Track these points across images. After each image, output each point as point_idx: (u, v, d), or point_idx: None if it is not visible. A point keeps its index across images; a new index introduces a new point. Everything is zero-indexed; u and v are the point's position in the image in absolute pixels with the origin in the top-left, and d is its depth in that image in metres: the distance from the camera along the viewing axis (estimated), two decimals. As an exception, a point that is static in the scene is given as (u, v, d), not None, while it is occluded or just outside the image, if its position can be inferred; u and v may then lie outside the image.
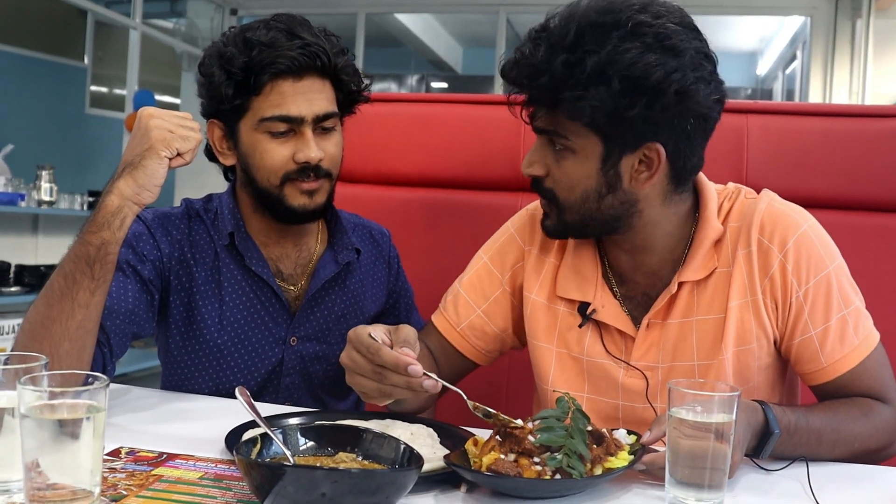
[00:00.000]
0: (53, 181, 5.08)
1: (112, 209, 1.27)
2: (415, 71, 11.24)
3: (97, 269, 1.26)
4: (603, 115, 1.20)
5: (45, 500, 0.86)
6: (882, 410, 1.31)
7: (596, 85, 1.19)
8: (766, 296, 1.31)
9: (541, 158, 1.31)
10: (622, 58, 1.18)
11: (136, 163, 1.28)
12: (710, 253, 1.34)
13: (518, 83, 1.28)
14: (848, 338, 1.31)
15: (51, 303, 1.26)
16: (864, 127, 1.86)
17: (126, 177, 1.28)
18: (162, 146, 1.29)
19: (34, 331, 1.26)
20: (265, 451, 1.02)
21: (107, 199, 1.28)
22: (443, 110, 2.09)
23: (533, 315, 1.45)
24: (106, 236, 1.26)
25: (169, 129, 1.30)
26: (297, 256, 1.60)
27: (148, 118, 1.31)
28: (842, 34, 6.57)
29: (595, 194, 1.28)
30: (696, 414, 1.00)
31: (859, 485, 1.17)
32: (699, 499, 1.00)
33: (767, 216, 1.33)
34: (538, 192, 1.34)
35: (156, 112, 1.32)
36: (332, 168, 1.51)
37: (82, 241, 1.27)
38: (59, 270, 1.28)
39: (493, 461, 1.04)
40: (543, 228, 1.38)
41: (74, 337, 1.26)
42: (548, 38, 1.23)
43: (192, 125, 1.34)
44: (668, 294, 1.34)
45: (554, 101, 1.23)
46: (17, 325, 4.71)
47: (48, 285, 1.28)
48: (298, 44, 1.43)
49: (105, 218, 1.27)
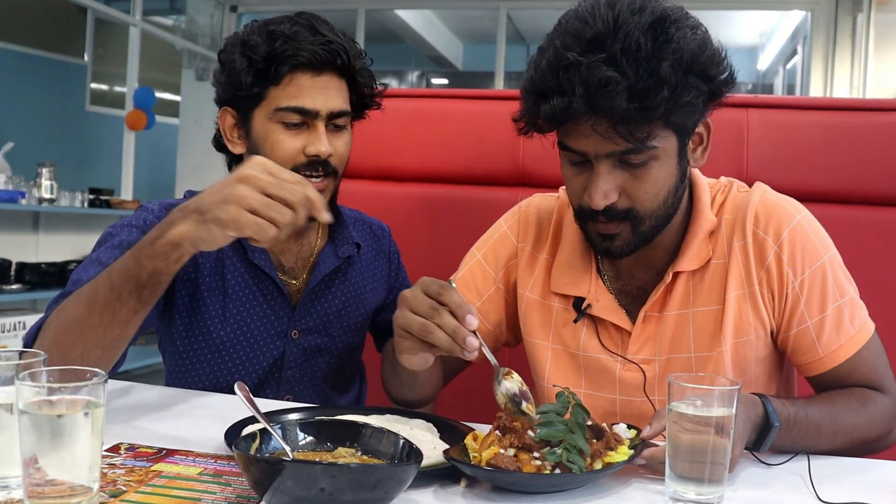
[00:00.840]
0: (54, 178, 5.07)
1: (173, 242, 1.15)
2: (415, 67, 11.24)
3: (145, 294, 1.18)
4: (688, 113, 1.20)
5: (44, 497, 0.85)
6: (879, 400, 1.32)
7: (684, 82, 1.17)
8: (762, 287, 1.32)
9: (611, 183, 1.23)
10: (688, 48, 1.18)
11: (204, 219, 1.12)
12: (704, 243, 1.34)
13: (613, 112, 1.15)
14: (844, 328, 1.31)
15: (92, 309, 1.19)
16: (865, 121, 1.86)
17: (192, 223, 1.13)
18: (232, 226, 1.11)
19: (70, 329, 1.20)
20: (264, 446, 1.02)
21: (171, 231, 1.14)
22: (443, 105, 2.09)
23: (528, 312, 1.45)
24: (160, 266, 1.16)
25: (251, 208, 1.10)
26: (298, 250, 1.60)
27: (239, 181, 1.11)
28: (843, 29, 6.55)
29: (673, 190, 1.28)
30: (696, 408, 1.00)
31: (860, 478, 1.17)
32: (699, 493, 0.99)
33: (762, 207, 1.33)
34: (610, 217, 1.25)
35: (253, 175, 1.11)
36: (339, 166, 1.52)
37: (137, 261, 1.16)
38: (107, 278, 1.19)
39: (492, 456, 1.04)
40: (610, 252, 1.30)
41: (109, 347, 1.22)
42: (624, 54, 1.14)
43: (289, 198, 1.10)
44: (662, 285, 1.34)
45: (658, 113, 1.16)
46: (17, 323, 4.72)
47: (93, 288, 1.20)
48: (321, 40, 1.45)
49: (164, 249, 1.15)
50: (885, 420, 1.31)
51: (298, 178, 1.13)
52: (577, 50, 1.17)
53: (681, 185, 1.30)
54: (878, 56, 6.29)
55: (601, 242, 1.30)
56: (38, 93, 7.07)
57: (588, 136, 1.20)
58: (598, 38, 1.16)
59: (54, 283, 5.07)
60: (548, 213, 1.50)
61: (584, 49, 1.16)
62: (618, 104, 1.14)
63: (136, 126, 6.76)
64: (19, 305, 5.03)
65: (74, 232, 5.54)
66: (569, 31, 1.20)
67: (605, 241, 1.29)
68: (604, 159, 1.22)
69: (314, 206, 1.12)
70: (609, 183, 1.22)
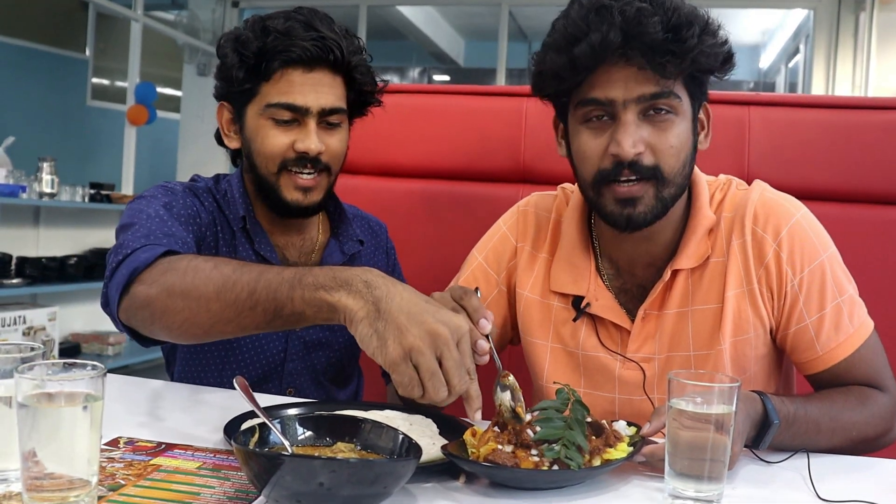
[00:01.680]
0: (55, 173, 5.07)
1: (334, 307, 1.04)
2: (417, 64, 11.23)
3: (277, 323, 1.10)
4: (712, 60, 1.24)
5: (42, 490, 0.85)
6: (879, 398, 1.32)
7: (708, 30, 1.23)
8: (761, 285, 1.32)
9: (639, 134, 1.23)
10: (705, 14, 1.24)
11: (374, 324, 1.01)
12: (702, 241, 1.34)
13: (651, 40, 1.18)
14: (843, 326, 1.31)
15: (220, 297, 1.11)
16: (866, 119, 1.85)
17: (363, 311, 1.02)
18: (387, 362, 1.00)
19: (187, 294, 1.13)
20: (263, 440, 1.01)
21: (340, 296, 1.04)
22: (444, 101, 2.09)
23: (527, 311, 1.45)
24: (308, 314, 1.07)
25: (417, 365, 0.99)
26: (300, 245, 1.61)
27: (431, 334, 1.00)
28: (845, 28, 6.55)
29: (689, 157, 1.30)
30: (695, 405, 1.00)
31: (859, 476, 1.17)
32: (699, 490, 0.99)
33: (760, 206, 1.34)
34: (635, 172, 1.23)
35: (445, 339, 1.00)
36: (333, 163, 1.51)
37: (291, 292, 1.07)
38: (253, 281, 1.10)
39: (490, 451, 1.03)
40: (630, 221, 1.27)
41: (211, 332, 1.16)
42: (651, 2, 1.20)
43: (454, 384, 1.00)
44: (661, 283, 1.34)
45: (690, 47, 1.20)
46: (18, 317, 4.72)
47: (232, 279, 1.11)
48: (313, 35, 1.44)
49: (321, 304, 1.05)
50: (884, 418, 1.31)
51: (472, 369, 1.04)
52: None
53: (693, 156, 1.31)
54: (881, 55, 6.28)
55: (622, 210, 1.26)
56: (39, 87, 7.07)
57: (616, 80, 1.22)
58: None
59: (54, 278, 5.07)
60: (546, 212, 1.49)
61: None
62: (655, 33, 1.17)
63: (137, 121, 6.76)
64: (20, 300, 5.03)
65: (75, 226, 5.54)
66: None
67: (626, 206, 1.26)
68: (632, 105, 1.23)
69: (469, 403, 1.04)
70: (636, 133, 1.23)
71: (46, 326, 4.95)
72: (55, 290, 5.09)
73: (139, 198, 1.45)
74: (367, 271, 1.07)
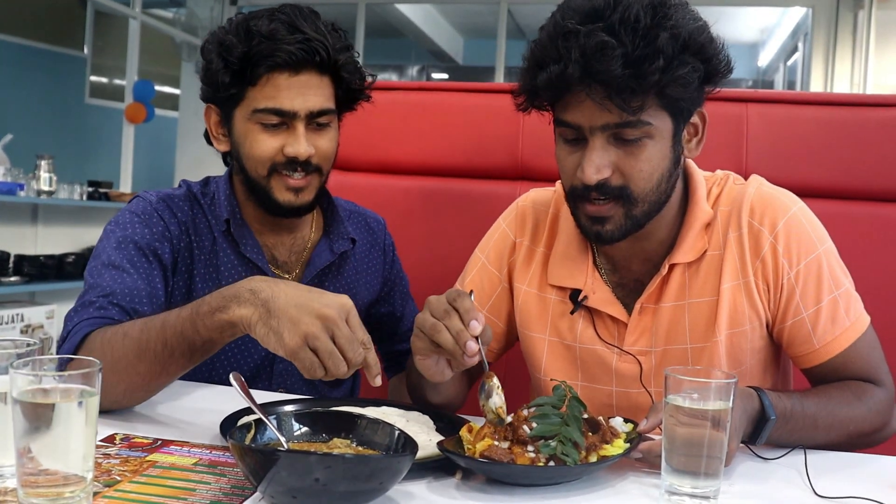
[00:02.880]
0: (53, 171, 5.07)
1: (232, 323, 1.13)
2: (415, 62, 11.23)
3: (196, 356, 1.20)
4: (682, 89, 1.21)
5: (38, 486, 0.85)
6: (875, 393, 1.32)
7: (680, 60, 1.18)
8: (757, 277, 1.32)
9: (605, 158, 1.22)
10: (686, 27, 1.19)
11: (269, 323, 1.09)
12: (700, 235, 1.34)
13: (608, 77, 1.16)
14: (839, 319, 1.31)
15: (142, 358, 1.20)
16: (864, 116, 1.85)
17: (257, 316, 1.10)
18: (287, 351, 1.08)
19: (115, 369, 1.20)
20: (259, 436, 1.01)
21: (233, 311, 1.12)
22: (441, 99, 2.08)
23: (524, 306, 1.45)
24: (215, 337, 1.17)
25: (315, 348, 1.07)
26: (291, 244, 1.60)
27: (319, 317, 1.07)
28: (843, 26, 6.55)
29: (667, 174, 1.28)
30: (692, 401, 1.00)
31: (856, 473, 1.17)
32: (695, 486, 0.99)
33: (757, 199, 1.34)
34: (603, 194, 1.25)
35: (333, 319, 1.08)
36: (323, 163, 1.50)
37: (194, 326, 1.16)
38: (160, 332, 1.19)
39: (486, 447, 1.03)
40: (600, 236, 1.29)
41: (152, 391, 1.27)
42: (622, 24, 1.16)
43: (350, 357, 1.08)
44: (658, 277, 1.34)
45: (652, 82, 1.17)
46: (15, 315, 4.72)
47: (143, 339, 1.20)
48: (298, 38, 1.42)
49: (222, 324, 1.14)
50: (881, 413, 1.31)
51: (367, 340, 1.11)
52: (577, 20, 1.19)
53: (675, 172, 1.31)
54: (879, 53, 6.28)
55: (592, 226, 1.29)
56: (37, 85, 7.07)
57: (582, 107, 1.21)
58: (597, 10, 1.19)
59: (52, 276, 5.06)
60: (544, 207, 1.49)
61: (582, 19, 1.19)
62: (613, 69, 1.15)
63: (135, 119, 6.76)
64: (18, 298, 5.03)
65: (73, 224, 5.54)
66: (570, 7, 1.22)
67: (595, 223, 1.28)
68: (598, 132, 1.22)
69: (369, 371, 1.11)
70: (602, 158, 1.23)
71: (44, 324, 4.96)
72: (53, 287, 5.09)
73: (106, 230, 1.47)
74: (250, 280, 1.15)
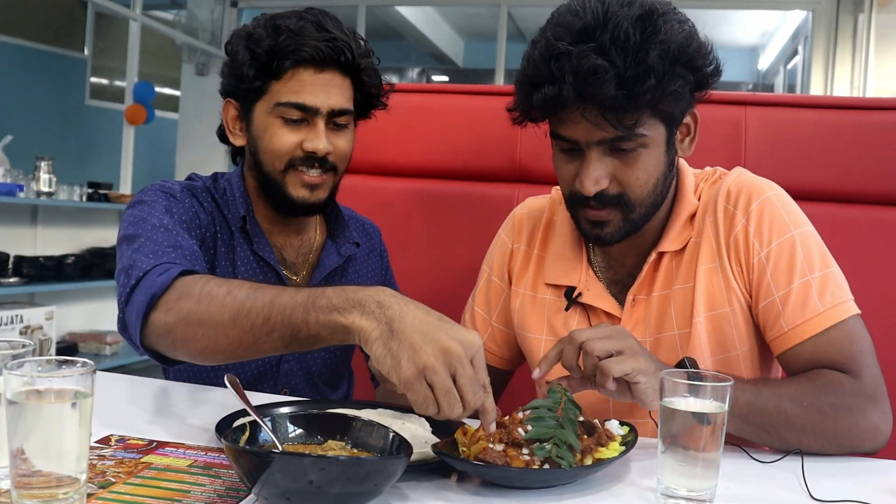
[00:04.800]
0: (52, 172, 5.07)
1: (348, 329, 1.04)
2: (416, 64, 11.22)
3: (294, 345, 1.10)
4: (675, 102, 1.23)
5: (31, 487, 0.85)
6: (845, 382, 1.25)
7: (671, 72, 1.20)
8: (730, 259, 1.33)
9: (603, 170, 1.26)
10: (675, 39, 1.21)
11: (388, 344, 1.00)
12: (685, 225, 1.38)
13: (602, 99, 1.18)
14: (811, 304, 1.28)
15: (237, 324, 1.11)
16: (862, 119, 1.85)
17: (377, 331, 1.01)
18: (401, 380, 0.99)
19: (204, 322, 1.13)
20: (254, 438, 1.01)
21: (353, 318, 1.03)
22: (440, 101, 2.09)
23: (521, 307, 1.48)
24: (323, 336, 1.07)
25: (431, 383, 0.99)
26: (299, 245, 1.61)
27: (444, 351, 0.98)
28: (844, 29, 6.55)
29: (662, 178, 1.31)
30: (687, 403, 1.00)
31: (852, 476, 1.16)
32: (691, 489, 0.99)
33: (734, 185, 1.37)
34: (601, 204, 1.28)
35: (458, 356, 0.99)
36: (339, 163, 1.52)
37: (306, 315, 1.06)
38: (267, 307, 1.09)
39: (481, 450, 1.03)
40: (600, 239, 1.32)
41: (232, 356, 1.16)
42: (613, 44, 1.17)
43: (469, 400, 1.00)
44: (647, 266, 1.37)
45: (645, 101, 1.19)
46: (15, 316, 4.71)
47: (247, 305, 1.11)
48: (325, 36, 1.44)
49: (335, 326, 1.05)
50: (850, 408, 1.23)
51: (487, 383, 1.03)
52: (568, 40, 1.20)
53: (669, 174, 1.33)
54: (879, 57, 6.28)
55: (591, 229, 1.32)
56: (37, 86, 7.07)
57: (578, 124, 1.23)
58: (587, 29, 1.20)
59: (52, 277, 5.06)
60: (539, 212, 1.54)
61: (574, 39, 1.20)
62: (606, 91, 1.17)
63: (135, 120, 6.76)
64: (17, 299, 5.02)
65: (73, 226, 5.54)
66: (560, 23, 1.23)
67: (595, 227, 1.31)
68: (594, 146, 1.25)
69: (485, 416, 1.03)
70: (600, 170, 1.26)
71: (44, 326, 4.95)
72: (52, 289, 5.09)
73: (138, 202, 1.42)
74: (380, 291, 1.05)
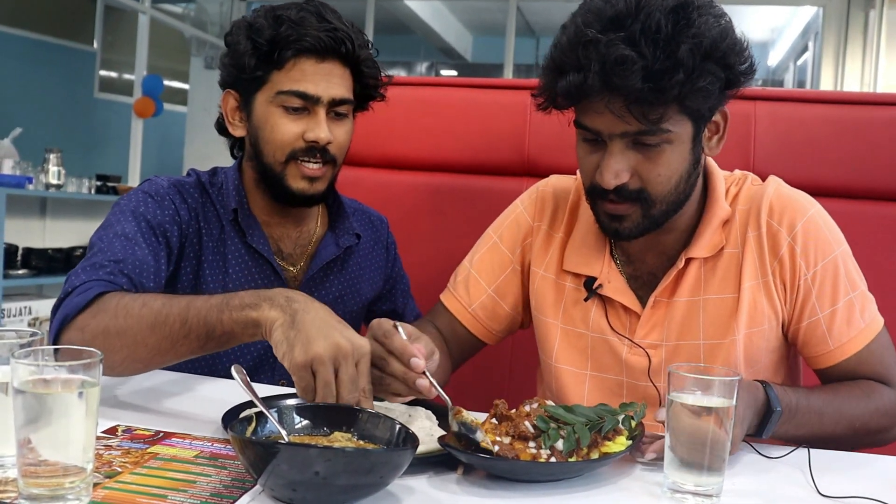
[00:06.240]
0: (61, 164, 5.08)
1: (257, 322, 1.13)
2: (424, 58, 11.22)
3: (210, 345, 1.18)
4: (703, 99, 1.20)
5: (38, 476, 0.85)
6: (885, 392, 1.32)
7: (701, 67, 1.17)
8: (775, 277, 1.32)
9: (624, 163, 1.23)
10: (709, 34, 1.18)
11: (287, 333, 1.09)
12: (717, 231, 1.35)
13: (628, 90, 1.15)
14: (855, 321, 1.32)
15: (155, 331, 1.18)
16: (872, 115, 1.84)
17: (281, 321, 1.10)
18: (292, 366, 1.07)
19: (123, 333, 1.19)
20: (260, 429, 1.01)
21: (262, 311, 1.12)
22: (448, 94, 2.08)
23: (540, 290, 1.46)
24: (237, 332, 1.15)
25: (316, 374, 1.07)
26: (297, 237, 1.60)
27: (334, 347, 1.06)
28: (854, 25, 6.52)
29: (686, 175, 1.28)
30: (695, 398, 0.99)
31: (860, 472, 1.16)
32: (698, 483, 0.99)
33: (776, 200, 1.34)
34: (621, 198, 1.26)
35: (346, 355, 1.07)
36: (339, 154, 1.52)
37: (220, 315, 1.15)
38: (183, 311, 1.17)
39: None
40: (617, 234, 1.31)
41: (150, 365, 1.24)
42: (643, 34, 1.14)
43: (345, 396, 1.07)
44: (675, 270, 1.34)
45: (672, 95, 1.16)
46: (24, 308, 4.73)
47: (163, 312, 1.18)
48: (326, 26, 1.45)
49: (246, 320, 1.13)
50: (888, 413, 1.31)
51: (368, 389, 1.09)
52: (598, 28, 1.18)
53: (694, 172, 1.30)
54: (890, 53, 6.25)
55: (609, 223, 1.30)
56: (46, 79, 7.09)
57: (602, 115, 1.21)
58: (618, 17, 1.17)
59: (60, 269, 5.07)
60: (565, 193, 1.50)
61: (604, 27, 1.17)
62: (632, 83, 1.14)
63: (144, 113, 6.77)
64: (26, 290, 5.04)
65: (81, 218, 5.55)
66: (591, 10, 1.21)
67: (613, 221, 1.29)
68: (617, 139, 1.22)
69: (361, 405, 1.08)
70: (621, 163, 1.23)
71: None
72: (61, 281, 5.04)
73: (116, 204, 1.46)
74: (292, 291, 1.15)
